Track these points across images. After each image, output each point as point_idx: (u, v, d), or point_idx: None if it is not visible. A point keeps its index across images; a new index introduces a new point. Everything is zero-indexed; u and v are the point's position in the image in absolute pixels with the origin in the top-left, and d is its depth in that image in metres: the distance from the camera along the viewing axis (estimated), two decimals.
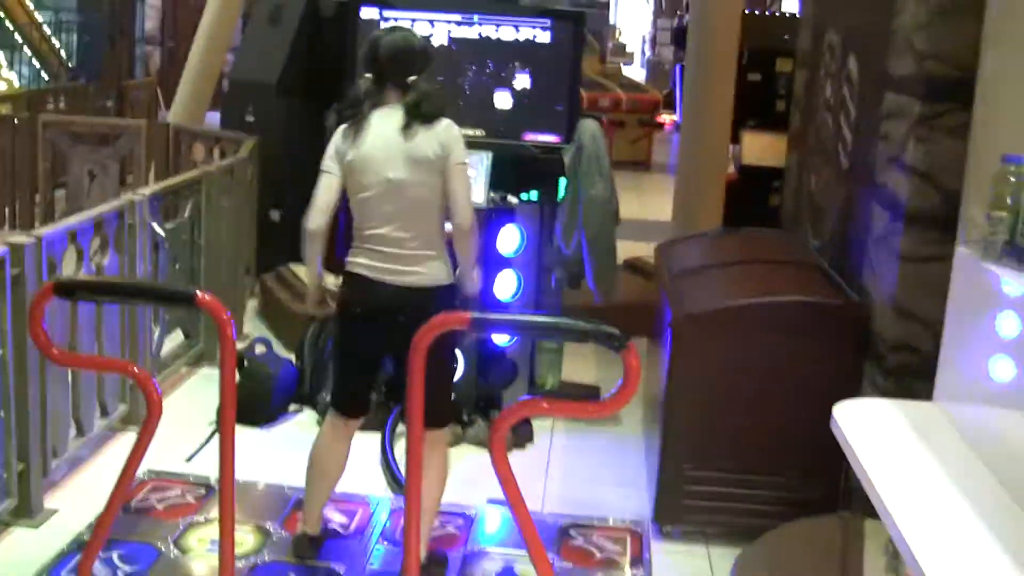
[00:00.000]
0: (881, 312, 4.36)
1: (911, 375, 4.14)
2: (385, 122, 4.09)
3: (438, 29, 5.86)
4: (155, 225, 5.71)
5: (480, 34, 5.85)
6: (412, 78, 4.10)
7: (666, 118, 19.59)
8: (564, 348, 6.40)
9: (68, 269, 5.07)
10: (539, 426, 5.87)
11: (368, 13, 5.89)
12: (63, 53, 17.84)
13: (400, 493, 5.01)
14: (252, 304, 7.93)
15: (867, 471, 2.93)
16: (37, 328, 3.41)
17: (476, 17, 5.84)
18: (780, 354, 4.54)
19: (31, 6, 17.51)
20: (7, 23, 17.20)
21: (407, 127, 4.05)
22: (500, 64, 5.87)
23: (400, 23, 5.82)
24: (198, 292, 3.32)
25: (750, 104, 10.00)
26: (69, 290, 3.45)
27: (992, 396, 3.05)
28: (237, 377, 5.86)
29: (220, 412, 3.46)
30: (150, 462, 5.24)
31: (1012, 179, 2.91)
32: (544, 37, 5.81)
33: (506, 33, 5.83)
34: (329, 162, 4.17)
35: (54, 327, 4.75)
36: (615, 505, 5.17)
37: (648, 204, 13.15)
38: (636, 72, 25.28)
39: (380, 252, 4.12)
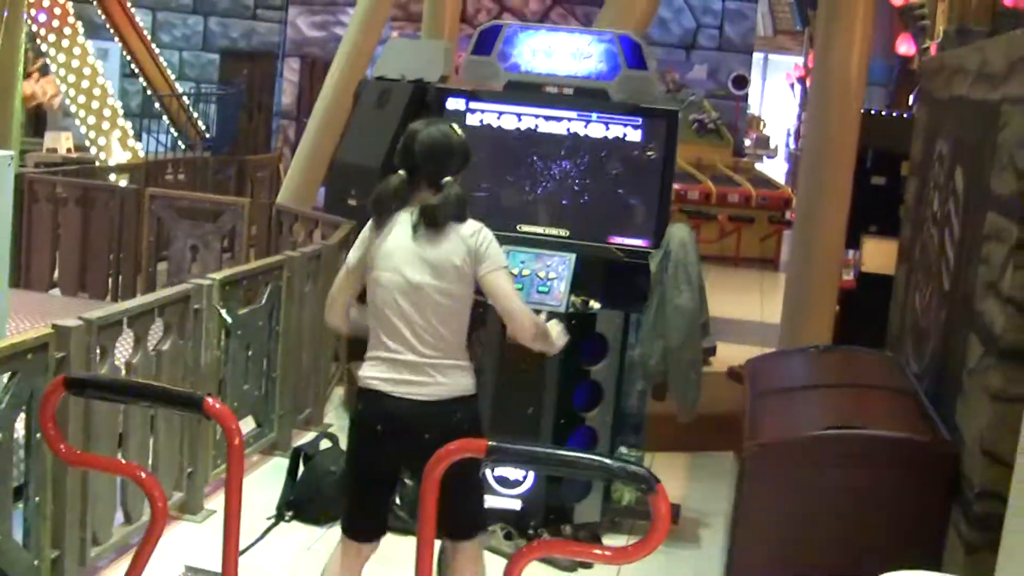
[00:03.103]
0: (970, 454, 3.96)
1: (997, 527, 3.72)
2: (409, 220, 3.87)
3: (525, 123, 5.65)
4: (223, 311, 5.57)
5: (568, 130, 5.62)
6: (446, 178, 3.85)
7: None
8: (646, 459, 6.07)
9: (124, 355, 4.95)
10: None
11: (454, 104, 5.71)
12: (201, 124, 18.19)
13: None
14: (340, 392, 7.77)
15: None
16: (47, 423, 3.27)
17: (564, 113, 5.62)
18: (859, 492, 4.16)
19: (173, 77, 17.91)
20: (149, 93, 17.63)
21: (417, 230, 3.82)
22: (588, 162, 5.63)
23: (486, 115, 5.68)
24: (208, 398, 3.13)
25: (873, 208, 9.58)
26: (80, 386, 3.30)
27: None
28: (300, 472, 5.81)
29: (227, 518, 3.28)
30: (193, 553, 5.08)
31: None
32: (635, 136, 5.56)
33: (595, 130, 5.59)
34: (351, 254, 4.01)
35: (106, 408, 4.64)
36: None
37: (769, 305, 12.70)
38: (779, 165, 24.86)
39: (396, 362, 3.84)
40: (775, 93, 29.27)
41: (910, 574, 3.08)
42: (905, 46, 16.13)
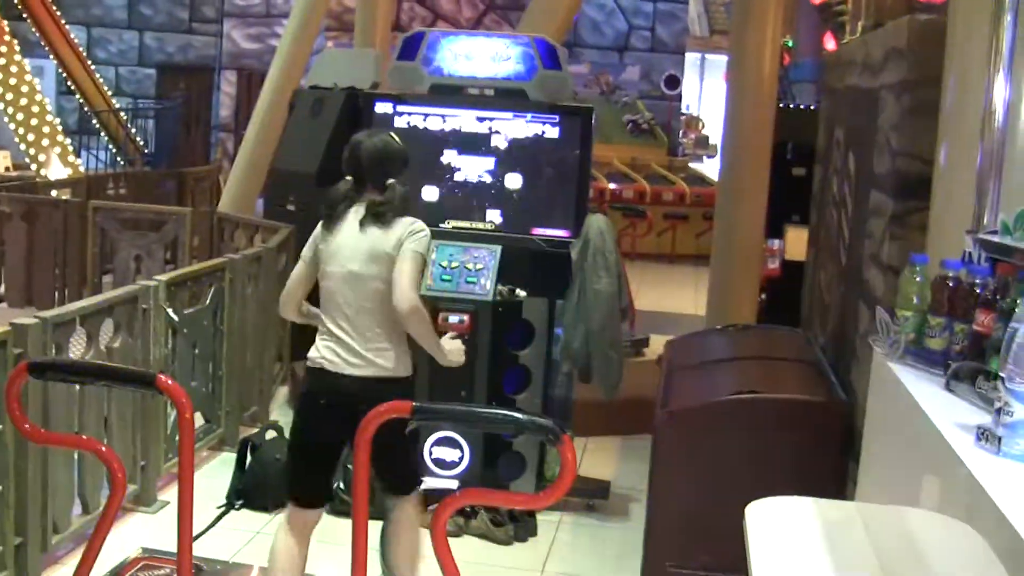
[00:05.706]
0: (862, 412, 4.33)
1: None
2: (356, 218, 4.25)
3: (449, 124, 5.99)
4: (169, 311, 5.86)
5: (490, 129, 5.97)
6: (390, 181, 4.26)
7: None
8: (577, 443, 6.40)
9: (77, 352, 5.21)
10: (544, 520, 5.84)
11: (383, 108, 6.05)
12: (140, 139, 18.36)
13: None
14: (284, 391, 8.04)
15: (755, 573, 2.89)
16: (13, 405, 3.54)
17: (485, 113, 5.96)
18: (762, 452, 4.52)
19: (109, 93, 18.07)
20: (86, 110, 17.78)
21: (364, 225, 4.21)
22: (509, 159, 5.98)
23: (413, 118, 6.01)
24: (160, 375, 3.42)
25: (794, 199, 9.95)
26: (41, 369, 3.58)
27: (905, 498, 3.02)
28: (248, 462, 6.09)
29: (181, 495, 3.55)
30: (149, 540, 5.34)
31: (917, 279, 2.92)
32: (553, 132, 5.91)
33: (515, 129, 5.94)
34: (305, 251, 4.37)
35: (62, 406, 4.90)
36: None
37: (703, 300, 13.03)
38: (718, 164, 25.11)
39: (340, 343, 4.22)
40: (713, 93, 29.61)
41: (787, 499, 3.35)
42: (831, 44, 16.57)
